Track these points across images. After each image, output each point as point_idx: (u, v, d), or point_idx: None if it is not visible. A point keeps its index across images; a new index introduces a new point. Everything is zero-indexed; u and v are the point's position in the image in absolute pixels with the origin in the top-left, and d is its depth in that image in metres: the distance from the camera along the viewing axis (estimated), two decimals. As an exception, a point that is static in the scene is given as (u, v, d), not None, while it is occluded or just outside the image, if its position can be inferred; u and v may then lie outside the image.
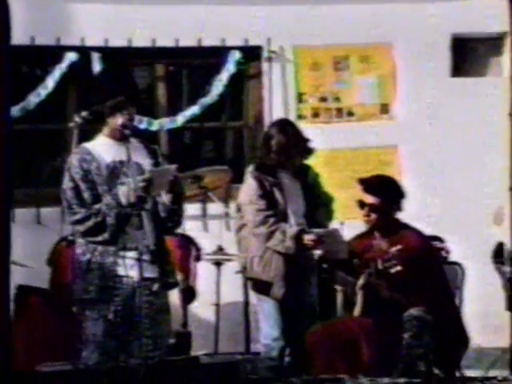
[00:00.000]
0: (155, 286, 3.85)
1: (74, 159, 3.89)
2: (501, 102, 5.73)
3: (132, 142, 3.96)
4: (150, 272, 3.86)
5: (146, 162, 3.93)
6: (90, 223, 3.82)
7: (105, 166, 3.88)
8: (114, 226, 3.81)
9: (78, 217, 3.84)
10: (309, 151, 4.72)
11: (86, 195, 3.84)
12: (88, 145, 3.98)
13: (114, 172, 3.88)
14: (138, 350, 3.83)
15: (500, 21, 5.98)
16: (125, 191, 3.81)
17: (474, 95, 6.09)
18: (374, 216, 4.48)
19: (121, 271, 3.83)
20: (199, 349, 5.17)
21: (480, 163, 6.04)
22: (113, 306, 3.81)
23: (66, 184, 3.87)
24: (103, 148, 3.92)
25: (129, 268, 3.83)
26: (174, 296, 4.88)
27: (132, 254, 3.83)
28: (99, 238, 3.83)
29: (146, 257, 3.84)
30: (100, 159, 3.88)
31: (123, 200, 3.81)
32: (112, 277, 3.82)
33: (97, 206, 3.82)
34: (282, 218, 4.63)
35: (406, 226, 4.56)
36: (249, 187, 4.66)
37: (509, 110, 5.21)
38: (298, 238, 4.54)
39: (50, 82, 5.79)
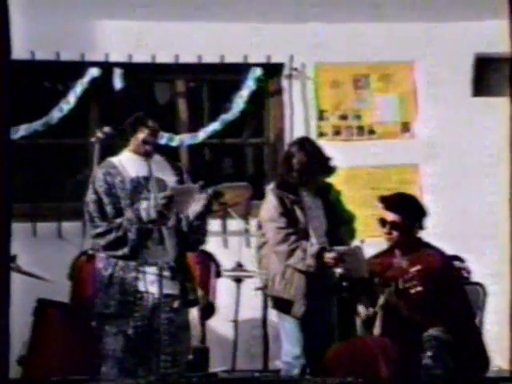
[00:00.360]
0: (176, 304, 3.85)
1: (99, 173, 3.92)
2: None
3: (156, 158, 3.98)
4: (170, 288, 3.86)
5: (170, 179, 3.95)
6: (111, 237, 3.84)
7: (129, 181, 3.90)
8: (134, 241, 3.82)
9: (99, 230, 3.85)
10: (330, 170, 4.72)
11: (109, 209, 3.86)
12: (114, 159, 4.00)
13: (138, 187, 3.90)
14: (156, 366, 3.82)
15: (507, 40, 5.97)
16: (146, 207, 3.83)
17: (496, 115, 6.06)
18: (395, 234, 4.46)
19: (141, 287, 3.83)
20: (217, 365, 5.15)
21: (502, 182, 6.01)
22: (132, 321, 3.81)
23: (90, 197, 3.89)
24: (128, 163, 3.95)
25: (149, 284, 3.83)
26: (193, 312, 4.88)
27: (152, 269, 3.84)
28: (119, 253, 3.84)
29: (166, 273, 3.84)
30: (125, 174, 3.91)
31: (144, 215, 3.82)
32: (133, 292, 3.82)
33: (118, 221, 3.84)
34: (303, 236, 4.62)
35: (427, 245, 4.54)
36: (270, 205, 4.66)
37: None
38: (318, 256, 4.53)
39: (72, 98, 5.83)
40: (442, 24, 6.05)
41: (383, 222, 4.49)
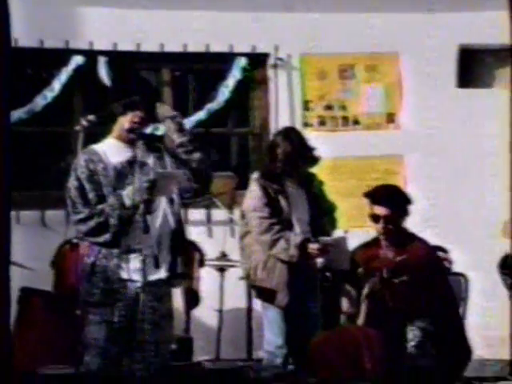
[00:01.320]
0: (162, 289, 3.83)
1: (80, 159, 3.88)
2: (507, 112, 5.73)
3: (138, 143, 3.95)
4: (155, 276, 3.84)
5: (151, 161, 3.92)
6: (92, 223, 3.80)
7: (112, 168, 3.86)
8: (116, 227, 3.78)
9: (80, 216, 3.81)
10: (314, 160, 4.72)
11: (91, 195, 3.83)
12: (96, 146, 3.97)
13: (122, 173, 3.86)
14: (139, 356, 3.80)
15: (507, 32, 5.98)
16: (129, 193, 3.80)
17: (481, 106, 6.09)
18: (390, 227, 4.46)
19: (124, 274, 3.81)
20: (201, 355, 5.16)
21: (486, 174, 6.04)
22: (116, 310, 3.79)
23: (71, 183, 3.85)
24: (111, 150, 3.92)
25: (132, 272, 3.81)
26: (178, 301, 4.88)
27: (136, 256, 3.81)
28: (101, 239, 3.80)
29: (150, 260, 3.82)
30: (107, 160, 3.87)
31: (127, 201, 3.79)
32: (116, 280, 3.80)
33: (100, 207, 3.80)
34: (287, 225, 4.62)
35: (413, 236, 4.55)
36: (253, 194, 4.66)
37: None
38: (302, 246, 4.53)
39: (57, 85, 5.80)
40: (427, 15, 6.06)
41: (375, 217, 4.48)
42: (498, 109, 5.96)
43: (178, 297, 5.00)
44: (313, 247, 4.52)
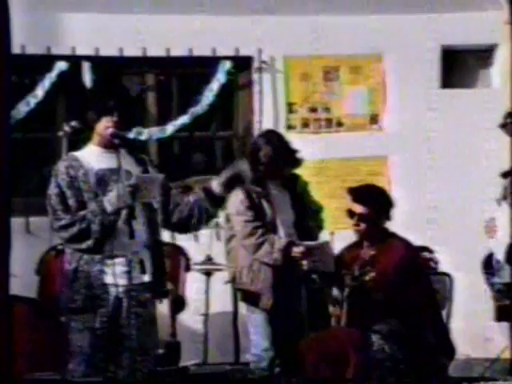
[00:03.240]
0: (146, 295, 3.82)
1: (61, 166, 3.87)
2: (490, 113, 5.76)
3: (121, 151, 3.94)
4: (139, 280, 3.84)
5: (134, 171, 3.91)
6: (74, 230, 3.78)
7: (93, 174, 3.85)
8: (98, 233, 3.77)
9: (62, 223, 3.80)
10: (296, 162, 4.73)
11: (71, 202, 3.81)
12: (77, 153, 3.96)
13: (103, 180, 3.85)
14: (125, 362, 3.79)
15: (489, 33, 6.02)
16: (110, 198, 3.79)
17: (464, 106, 6.11)
18: (363, 225, 4.48)
19: (108, 279, 3.80)
20: (188, 359, 5.15)
21: (469, 174, 6.06)
22: (99, 316, 3.78)
23: (52, 190, 3.84)
24: (92, 156, 3.91)
25: (116, 277, 3.80)
26: (164, 306, 4.87)
27: (120, 261, 3.80)
28: (83, 246, 3.79)
29: (134, 265, 3.82)
30: (88, 167, 3.86)
31: (108, 207, 3.79)
32: (98, 286, 3.79)
33: (81, 213, 3.79)
34: (271, 228, 4.62)
35: (394, 236, 4.57)
36: (236, 198, 4.66)
37: (499, 121, 5.23)
38: (286, 250, 4.54)
39: (40, 91, 5.78)
40: (411, 16, 6.08)
41: (351, 213, 4.51)
42: (482, 109, 6.00)
43: (164, 302, 4.99)
44: (297, 251, 4.53)
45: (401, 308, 4.33)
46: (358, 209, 4.47)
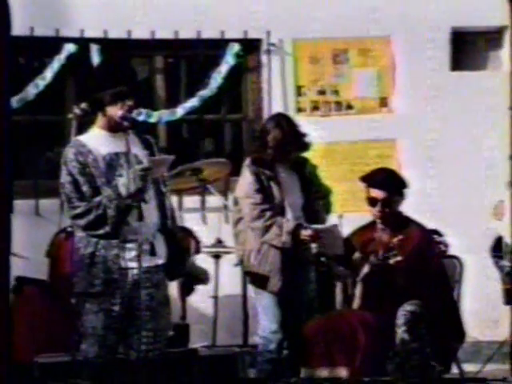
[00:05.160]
0: (160, 277, 3.84)
1: (69, 153, 3.85)
2: (500, 95, 5.73)
3: (130, 137, 3.93)
4: (151, 263, 3.85)
5: (141, 153, 3.91)
6: (91, 217, 3.78)
7: (101, 159, 3.85)
8: (115, 218, 3.78)
9: (78, 211, 3.80)
10: (305, 146, 4.72)
11: (85, 188, 3.80)
12: (82, 137, 3.94)
13: (112, 164, 3.85)
14: (137, 343, 3.81)
15: (499, 14, 5.98)
16: (125, 182, 3.79)
17: (473, 89, 6.08)
18: (387, 210, 4.47)
19: (123, 264, 3.81)
20: (197, 341, 5.17)
21: (479, 157, 6.05)
22: (115, 298, 3.80)
23: (64, 178, 3.83)
24: (98, 140, 3.89)
25: (129, 260, 3.81)
26: (173, 288, 4.88)
27: (132, 245, 3.82)
28: (101, 231, 3.79)
29: (145, 248, 3.83)
30: (96, 152, 3.85)
31: (123, 191, 3.79)
32: (116, 270, 3.80)
33: (97, 199, 3.79)
34: (279, 211, 4.62)
35: (408, 219, 4.57)
36: (245, 181, 4.65)
37: (509, 103, 5.21)
38: (294, 232, 4.54)
39: (49, 74, 5.78)
40: (420, -1, 6.05)
41: (372, 201, 4.49)
42: (492, 92, 5.97)
43: (173, 284, 5.01)
44: (305, 234, 4.53)
45: (420, 292, 4.34)
46: (379, 194, 4.46)
